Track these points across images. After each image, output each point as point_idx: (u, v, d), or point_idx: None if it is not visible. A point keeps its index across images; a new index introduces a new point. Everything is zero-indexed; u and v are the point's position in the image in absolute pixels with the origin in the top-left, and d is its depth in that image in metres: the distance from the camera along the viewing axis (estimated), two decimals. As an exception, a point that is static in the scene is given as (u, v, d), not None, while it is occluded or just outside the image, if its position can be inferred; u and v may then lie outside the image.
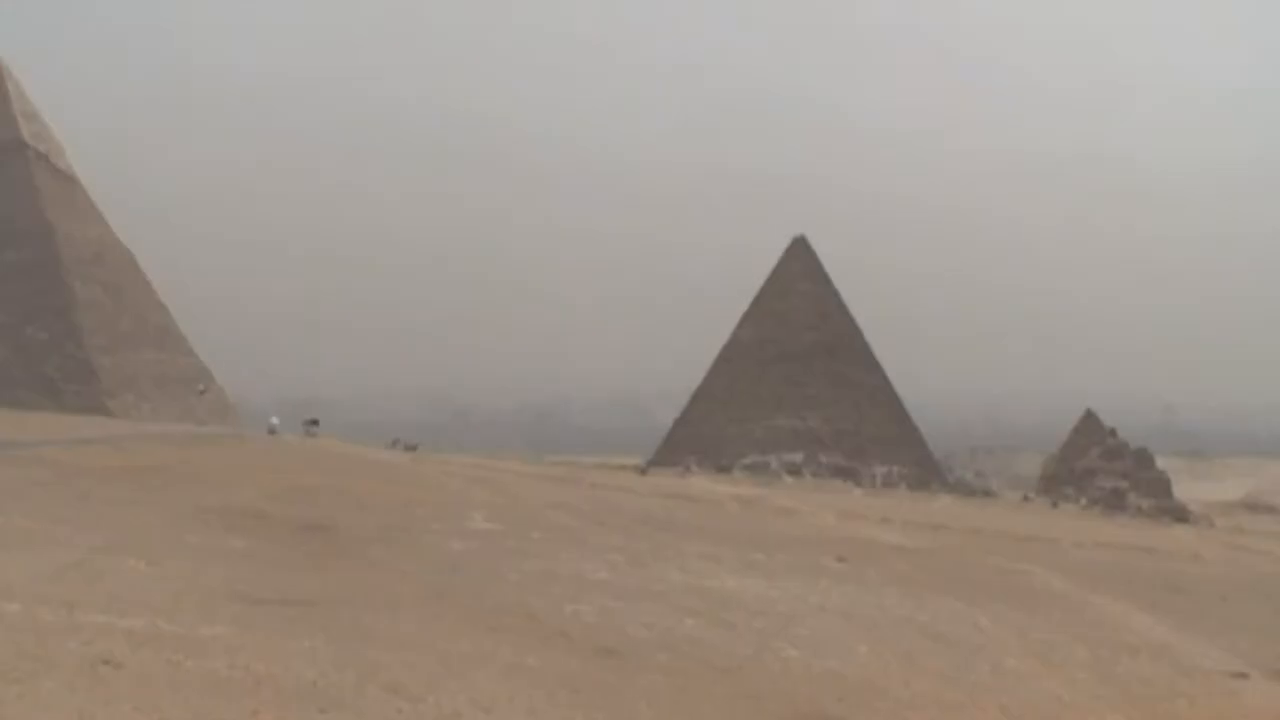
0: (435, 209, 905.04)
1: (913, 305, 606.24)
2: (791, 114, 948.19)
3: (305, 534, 38.81)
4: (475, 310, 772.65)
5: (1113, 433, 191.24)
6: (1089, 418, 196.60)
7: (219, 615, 22.41)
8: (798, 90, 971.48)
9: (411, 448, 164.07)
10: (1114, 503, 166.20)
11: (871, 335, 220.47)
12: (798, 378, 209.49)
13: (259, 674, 18.50)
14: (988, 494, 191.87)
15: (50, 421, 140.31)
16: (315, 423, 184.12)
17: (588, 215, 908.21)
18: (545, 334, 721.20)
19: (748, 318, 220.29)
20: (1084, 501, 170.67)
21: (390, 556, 35.04)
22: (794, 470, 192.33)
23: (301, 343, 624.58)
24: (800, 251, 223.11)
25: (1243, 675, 30.27)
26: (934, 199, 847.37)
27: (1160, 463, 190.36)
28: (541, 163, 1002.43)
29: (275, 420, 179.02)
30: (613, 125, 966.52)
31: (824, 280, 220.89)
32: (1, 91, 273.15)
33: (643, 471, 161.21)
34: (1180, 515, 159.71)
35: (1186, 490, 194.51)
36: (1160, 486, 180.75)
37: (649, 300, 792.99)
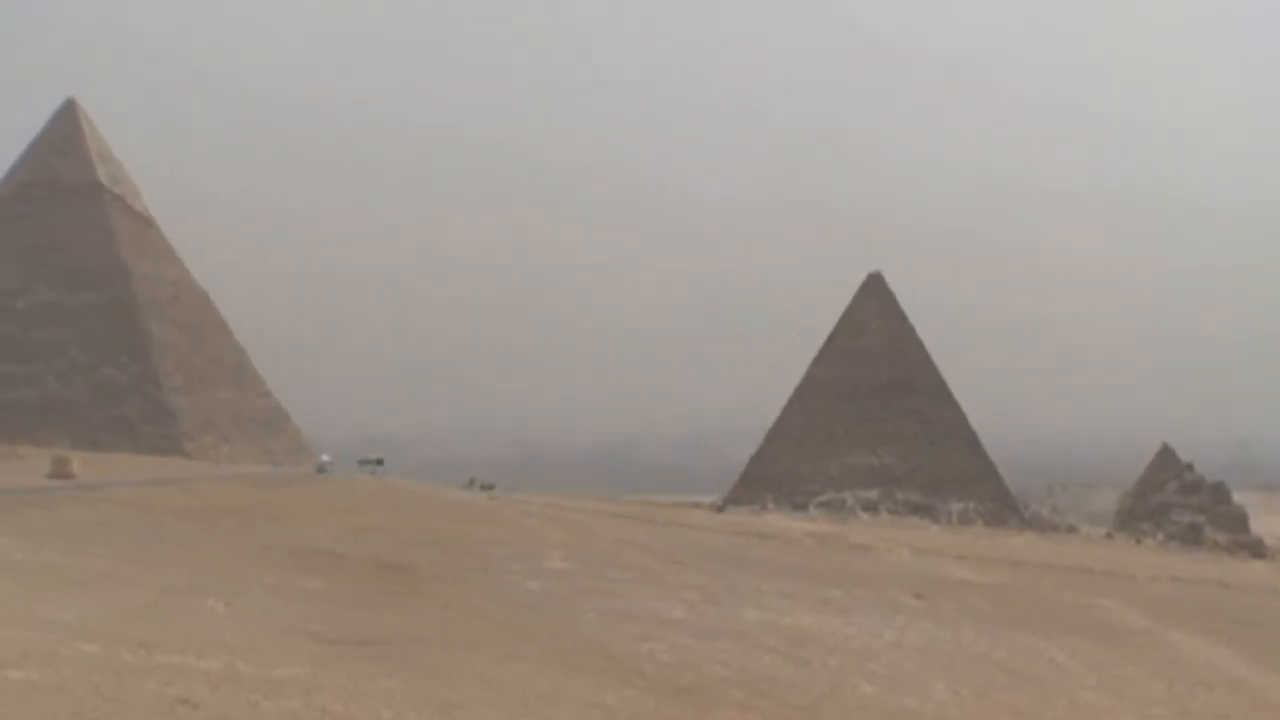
0: (508, 248, 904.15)
1: (986, 341, 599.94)
2: (859, 151, 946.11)
3: (381, 573, 38.95)
4: (548, 349, 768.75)
5: (1189, 467, 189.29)
6: (1165, 452, 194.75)
7: (296, 655, 22.34)
8: (864, 127, 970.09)
9: (488, 487, 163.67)
10: (1190, 537, 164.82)
11: (946, 371, 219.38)
12: (873, 414, 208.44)
13: (336, 714, 18.36)
14: (1070, 530, 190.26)
15: (127, 463, 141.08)
16: (379, 462, 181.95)
17: (657, 253, 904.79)
18: (618, 373, 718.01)
19: (822, 355, 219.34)
20: (1160, 536, 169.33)
21: (467, 595, 35.07)
22: (870, 507, 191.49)
23: (377, 381, 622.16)
24: (875, 288, 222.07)
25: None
26: (1007, 235, 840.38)
27: (1236, 497, 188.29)
28: (610, 202, 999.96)
29: (326, 458, 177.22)
30: (679, 163, 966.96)
31: (899, 316, 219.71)
32: (77, 134, 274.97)
33: (720, 509, 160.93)
34: (1257, 550, 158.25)
35: (1263, 525, 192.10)
36: (1237, 521, 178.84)
37: (721, 338, 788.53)
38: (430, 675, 21.77)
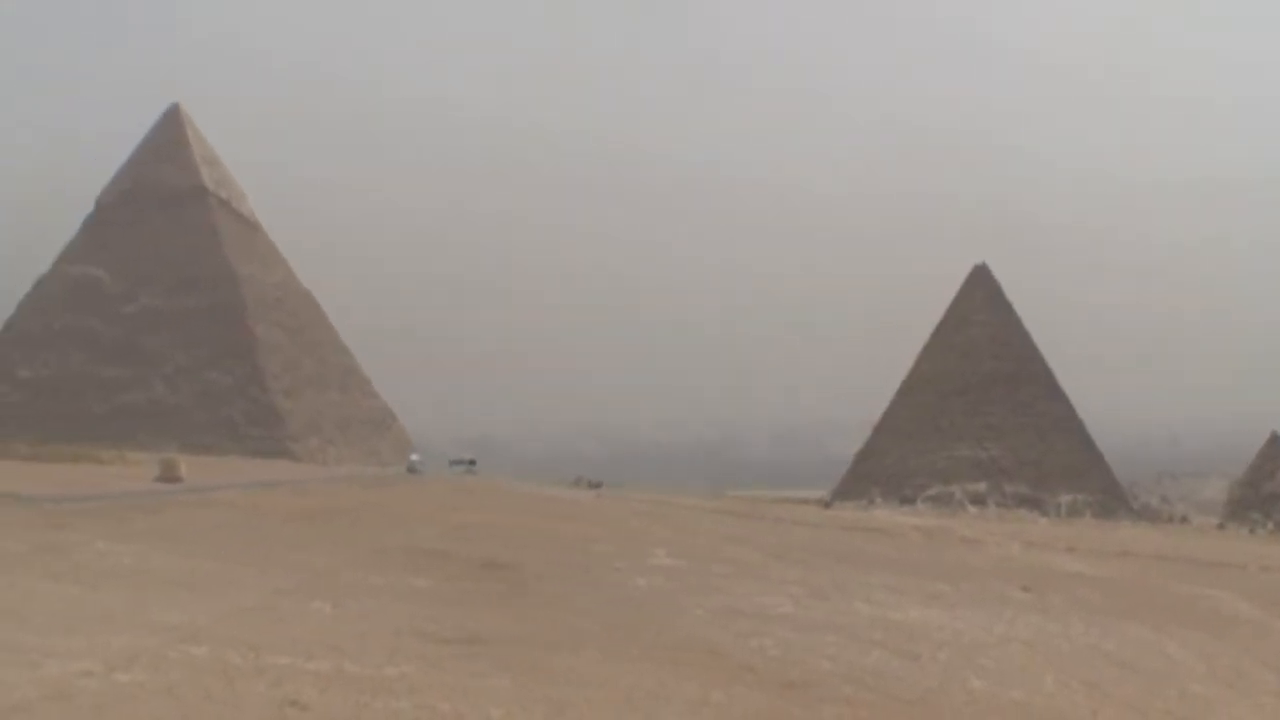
0: (608, 247, 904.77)
1: (1092, 332, 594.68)
2: (964, 143, 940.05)
3: (488, 572, 39.08)
4: (651, 346, 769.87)
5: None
6: (1274, 441, 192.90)
7: (404, 655, 22.45)
8: (970, 119, 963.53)
9: (595, 485, 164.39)
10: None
11: (1053, 362, 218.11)
12: (980, 407, 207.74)
13: (445, 713, 18.40)
14: (1180, 520, 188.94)
15: (234, 465, 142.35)
16: (472, 462, 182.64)
17: (758, 249, 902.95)
18: (720, 369, 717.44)
19: (929, 348, 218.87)
20: (1271, 526, 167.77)
21: (573, 594, 35.14)
22: (978, 500, 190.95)
23: (479, 380, 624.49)
24: (981, 280, 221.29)
25: None
26: (1108, 226, 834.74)
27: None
28: (708, 198, 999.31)
29: (416, 457, 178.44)
30: (780, 159, 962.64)
31: (1005, 309, 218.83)
32: (182, 139, 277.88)
33: (827, 505, 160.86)
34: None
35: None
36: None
37: (823, 332, 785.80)
38: (537, 674, 21.81)
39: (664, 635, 28.27)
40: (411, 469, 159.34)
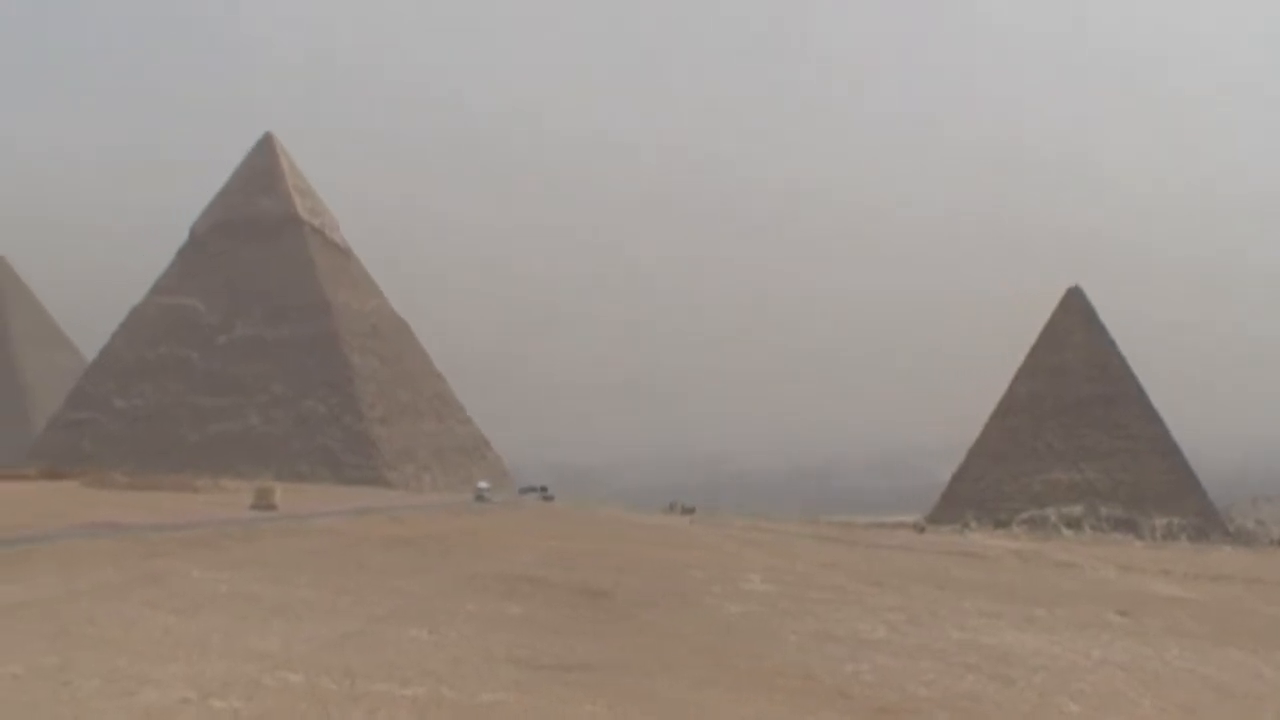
0: (703, 271, 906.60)
1: (1187, 353, 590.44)
2: (1060, 166, 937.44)
3: (583, 599, 39.14)
4: (745, 372, 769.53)
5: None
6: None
7: (500, 681, 22.49)
8: (1067, 141, 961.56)
9: (689, 510, 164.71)
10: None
11: (1146, 384, 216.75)
12: (1075, 430, 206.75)
13: (540, 740, 18.63)
14: (1276, 543, 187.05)
15: (328, 493, 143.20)
16: (544, 489, 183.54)
17: (852, 273, 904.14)
18: (814, 395, 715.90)
19: (1023, 371, 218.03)
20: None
21: (668, 620, 35.14)
22: (1073, 523, 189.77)
23: (574, 407, 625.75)
24: (1075, 303, 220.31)
25: None
26: (1195, 247, 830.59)
27: None
28: (803, 223, 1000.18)
29: (484, 485, 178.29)
30: (869, 181, 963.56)
31: (1100, 331, 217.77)
32: (276, 169, 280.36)
33: (921, 529, 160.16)
34: None
35: None
36: None
37: (916, 357, 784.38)
38: (632, 700, 21.81)
39: (759, 661, 28.23)
40: (479, 497, 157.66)
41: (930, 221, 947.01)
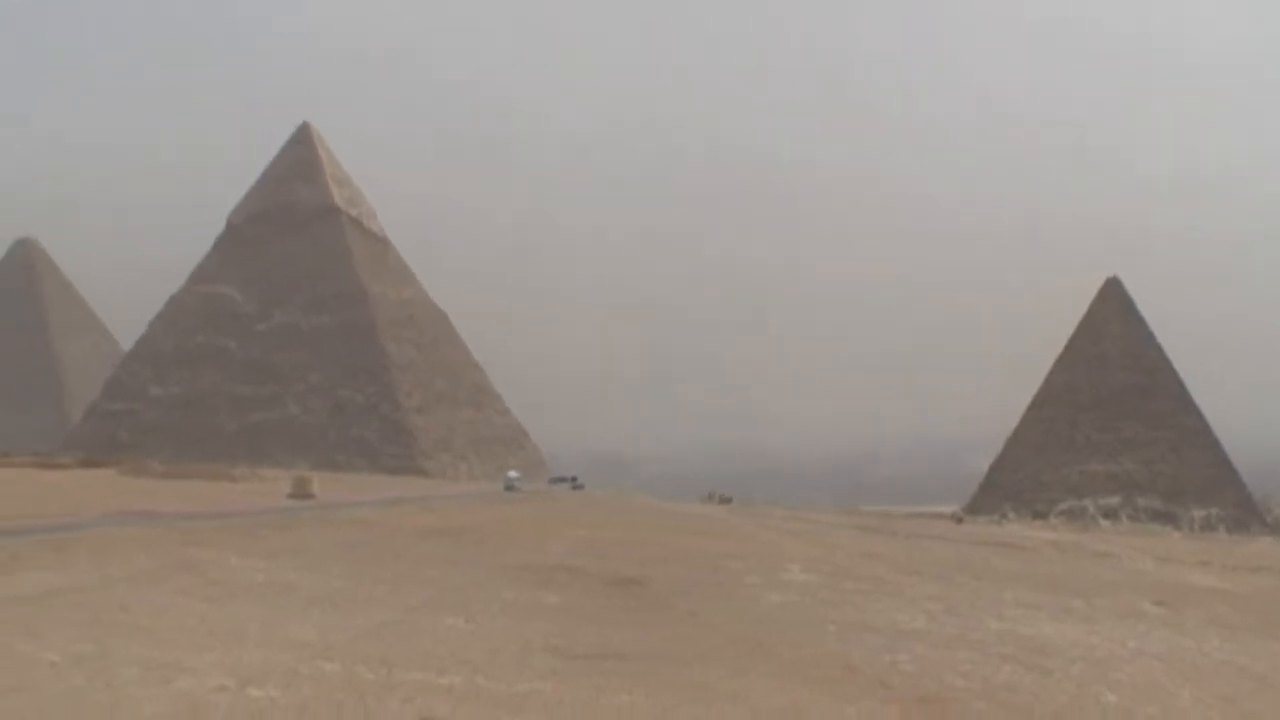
0: (739, 260, 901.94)
1: (1226, 345, 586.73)
2: (1099, 156, 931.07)
3: (619, 588, 39.08)
4: (781, 362, 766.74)
5: None
6: None
7: (536, 670, 22.48)
8: (1110, 132, 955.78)
9: (726, 500, 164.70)
10: None
11: (1185, 376, 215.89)
12: (1113, 421, 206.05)
13: (576, 729, 18.56)
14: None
15: (366, 482, 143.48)
16: (574, 479, 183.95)
17: (889, 262, 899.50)
18: (851, 384, 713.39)
19: (1061, 362, 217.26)
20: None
21: (706, 609, 35.02)
22: (1111, 514, 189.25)
23: (610, 396, 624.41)
24: (1113, 294, 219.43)
25: None
26: (1241, 236, 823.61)
27: None
28: (840, 210, 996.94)
29: (514, 474, 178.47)
30: (910, 169, 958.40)
31: (1138, 322, 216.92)
32: (314, 158, 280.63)
33: (959, 520, 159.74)
34: None
35: None
36: None
37: (953, 348, 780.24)
38: (669, 689, 21.71)
39: (797, 650, 28.13)
40: (509, 486, 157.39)
41: (973, 214, 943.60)
